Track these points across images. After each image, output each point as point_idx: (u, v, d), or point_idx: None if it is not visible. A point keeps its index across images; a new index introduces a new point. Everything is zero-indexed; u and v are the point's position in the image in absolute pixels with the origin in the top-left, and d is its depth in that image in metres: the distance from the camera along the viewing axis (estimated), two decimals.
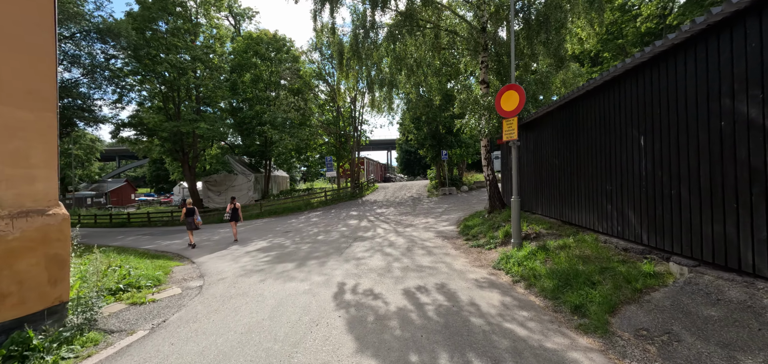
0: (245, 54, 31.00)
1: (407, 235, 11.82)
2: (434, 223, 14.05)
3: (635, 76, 5.33)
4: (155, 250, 13.77)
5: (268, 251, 11.09)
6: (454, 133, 25.74)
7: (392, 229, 13.51)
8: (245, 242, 13.57)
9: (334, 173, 28.68)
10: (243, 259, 10.07)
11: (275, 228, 17.00)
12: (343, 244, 11.12)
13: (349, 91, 15.15)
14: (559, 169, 8.21)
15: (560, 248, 6.43)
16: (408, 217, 16.62)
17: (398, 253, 9.12)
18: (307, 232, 14.64)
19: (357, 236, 12.40)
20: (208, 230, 19.04)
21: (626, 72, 5.48)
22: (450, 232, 11.70)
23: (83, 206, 48.90)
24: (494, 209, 11.86)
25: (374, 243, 10.81)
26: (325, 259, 9.04)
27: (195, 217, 13.45)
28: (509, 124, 7.16)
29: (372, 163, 52.91)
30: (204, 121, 26.51)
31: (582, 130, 7.02)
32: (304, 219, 19.71)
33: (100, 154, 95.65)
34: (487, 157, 11.88)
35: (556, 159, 8.35)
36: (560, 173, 8.13)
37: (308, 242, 12.13)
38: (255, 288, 6.75)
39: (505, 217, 10.40)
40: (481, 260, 7.75)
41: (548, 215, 8.99)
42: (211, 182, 31.36)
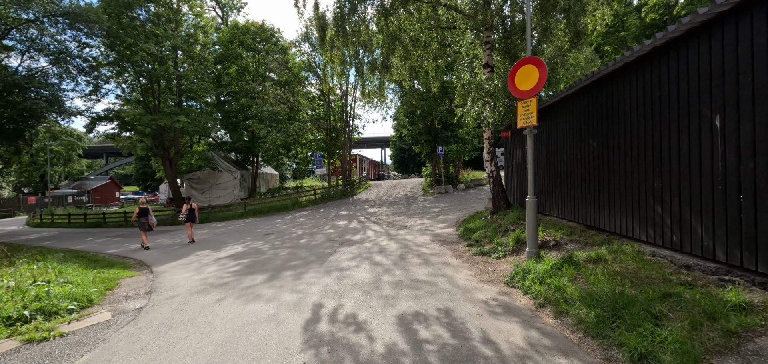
0: (231, 45, 29.30)
1: (400, 238, 10.46)
2: (430, 224, 12.70)
3: (709, 32, 3.98)
4: (118, 255, 12.25)
5: (240, 257, 9.66)
6: (451, 128, 24.43)
7: (384, 231, 12.14)
8: (219, 245, 12.12)
9: (324, 170, 27.22)
10: (209, 268, 8.63)
11: (257, 230, 15.55)
12: (327, 249, 9.73)
13: (337, 77, 13.74)
14: (581, 164, 6.89)
15: (593, 262, 5.11)
16: (401, 217, 15.27)
17: (390, 262, 7.75)
18: (290, 234, 13.22)
19: (344, 240, 11.01)
20: (184, 231, 17.50)
21: (692, 30, 4.14)
22: (448, 235, 10.36)
23: (63, 205, 46.78)
24: (498, 209, 10.54)
25: (363, 248, 9.43)
26: (304, 269, 7.64)
27: (149, 217, 12.84)
28: (526, 107, 5.81)
29: (365, 160, 51.50)
30: (185, 114, 24.84)
31: (617, 114, 5.69)
32: (290, 219, 18.27)
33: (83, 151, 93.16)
34: (490, 152, 10.55)
35: (577, 151, 7.03)
36: (583, 168, 6.82)
37: (288, 246, 10.72)
38: (206, 312, 5.33)
39: (512, 219, 9.08)
40: (490, 272, 6.40)
41: (566, 218, 7.68)
42: (195, 179, 29.68)
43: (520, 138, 10.45)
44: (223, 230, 16.94)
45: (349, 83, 29.02)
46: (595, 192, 6.44)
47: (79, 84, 25.40)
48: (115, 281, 7.71)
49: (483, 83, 8.60)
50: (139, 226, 12.85)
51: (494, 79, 8.36)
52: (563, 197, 7.73)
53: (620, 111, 5.59)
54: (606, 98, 5.99)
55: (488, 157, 10.59)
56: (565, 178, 7.59)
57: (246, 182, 31.35)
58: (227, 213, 23.21)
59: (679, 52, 4.41)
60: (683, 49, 4.35)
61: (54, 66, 22.13)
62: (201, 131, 26.38)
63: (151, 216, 13.00)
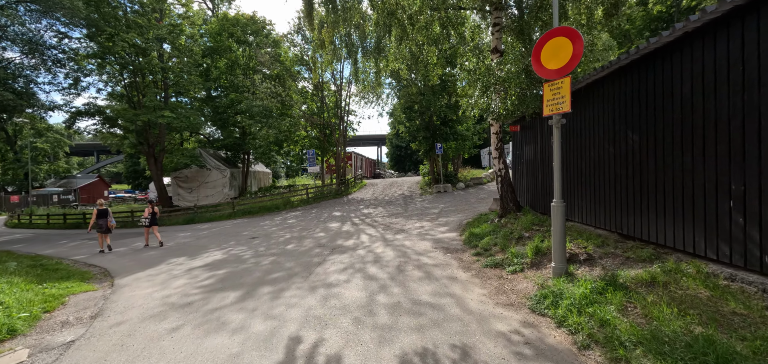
0: (220, 37, 27.98)
1: (398, 245, 9.34)
2: (430, 227, 11.59)
3: None
4: (84, 262, 11.03)
5: (217, 266, 8.49)
6: (450, 124, 23.34)
7: (380, 235, 11.01)
8: (197, 251, 10.93)
9: (317, 168, 26.03)
10: (177, 281, 7.46)
11: (242, 233, 14.36)
12: (315, 258, 8.59)
13: (328, 66, 12.58)
14: (615, 160, 5.80)
15: (646, 286, 4.02)
16: (398, 219, 14.15)
17: (386, 275, 6.63)
18: (277, 238, 12.06)
19: (335, 246, 9.88)
20: (165, 234, 16.25)
21: None
22: (452, 241, 9.25)
23: (48, 204, 45.14)
24: (507, 212, 9.45)
25: (355, 257, 8.30)
26: (285, 284, 6.49)
27: (108, 219, 12.38)
28: (555, 90, 4.69)
29: (360, 158, 50.36)
30: (170, 109, 23.51)
31: (671, 99, 4.59)
32: (279, 220, 17.10)
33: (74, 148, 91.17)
34: (498, 147, 9.45)
35: (609, 146, 5.93)
36: (618, 166, 5.73)
37: (273, 253, 9.57)
38: (152, 350, 4.18)
39: (525, 224, 7.98)
40: (507, 291, 5.30)
41: (592, 224, 6.60)
42: (182, 177, 28.35)
43: (532, 132, 9.36)
44: (206, 232, 15.74)
45: (344, 78, 27.85)
46: (635, 195, 5.35)
47: (57, 77, 24.08)
48: (62, 299, 6.52)
49: (493, 68, 7.47)
50: (96, 228, 12.33)
51: (506, 62, 7.23)
52: (590, 200, 6.64)
53: (676, 95, 4.49)
54: (653, 80, 4.89)
55: (496, 154, 9.49)
56: (593, 177, 6.50)
57: (236, 180, 30.08)
58: (214, 214, 21.97)
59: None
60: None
61: (27, 57, 20.75)
62: (188, 127, 25.04)
63: (111, 218, 12.48)
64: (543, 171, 8.71)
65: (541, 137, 8.70)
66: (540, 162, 8.86)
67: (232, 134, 29.06)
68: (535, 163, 9.20)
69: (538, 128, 8.91)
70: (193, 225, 19.46)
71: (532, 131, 9.34)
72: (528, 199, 9.82)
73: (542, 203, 8.78)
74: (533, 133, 9.23)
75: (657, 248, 4.88)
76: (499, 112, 8.04)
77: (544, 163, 8.64)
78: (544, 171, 8.66)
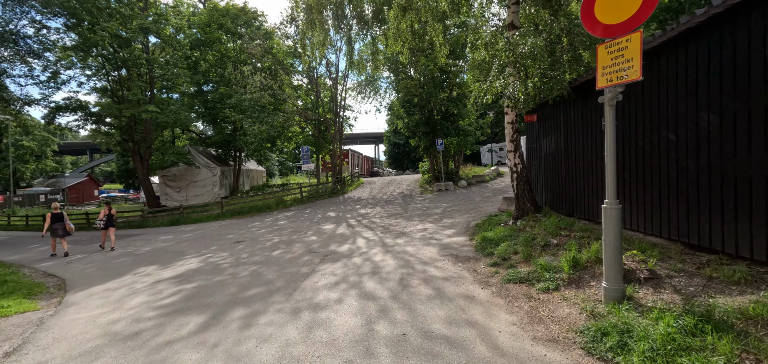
0: (208, 28, 26.65)
1: (399, 251, 8.12)
2: (435, 230, 10.38)
3: None
4: (45, 270, 9.77)
5: (188, 279, 7.25)
6: (451, 118, 22.12)
7: (378, 240, 9.79)
8: (172, 258, 9.69)
9: (311, 166, 24.77)
10: (136, 298, 6.22)
11: (227, 236, 13.10)
12: (303, 267, 7.36)
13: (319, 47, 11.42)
14: (679, 150, 4.61)
15: (760, 325, 2.81)
16: (398, 220, 12.94)
17: (386, 292, 5.41)
18: (264, 243, 10.82)
19: (328, 252, 8.65)
20: (147, 236, 14.95)
21: None
22: (461, 247, 8.04)
23: (34, 203, 43.62)
24: (524, 213, 8.25)
25: (350, 267, 7.08)
26: (262, 306, 5.27)
27: (65, 222, 11.83)
28: (617, 52, 3.48)
29: (357, 156, 49.15)
30: (155, 104, 22.17)
31: None
32: (270, 222, 15.85)
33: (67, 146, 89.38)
34: (514, 139, 8.23)
35: (669, 132, 4.73)
36: (686, 157, 4.54)
37: (256, 261, 8.33)
38: None
39: (550, 228, 6.78)
40: (544, 318, 4.09)
41: (643, 230, 5.41)
42: (170, 176, 27.00)
43: (552, 122, 8.16)
44: (189, 235, 14.47)
45: (340, 72, 26.57)
46: (713, 194, 4.16)
47: (34, 70, 22.67)
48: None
49: (516, 42, 6.24)
50: (51, 233, 11.81)
51: (531, 34, 6.01)
52: (636, 200, 5.45)
53: None
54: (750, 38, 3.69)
55: (511, 147, 8.27)
56: (641, 172, 5.31)
57: (227, 179, 28.77)
58: (202, 214, 20.67)
59: None
60: None
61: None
62: (176, 123, 23.67)
63: (68, 222, 12.00)
64: (568, 166, 7.51)
65: (566, 126, 7.50)
66: (564, 156, 7.66)
67: (223, 131, 27.75)
68: (557, 157, 8.01)
69: (560, 116, 7.71)
70: (178, 227, 18.18)
71: (552, 121, 8.14)
72: (547, 198, 8.64)
73: (568, 204, 7.59)
74: (554, 122, 8.03)
75: (752, 266, 3.69)
76: (518, 96, 6.83)
77: (569, 157, 7.43)
78: (569, 166, 7.46)
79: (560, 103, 7.43)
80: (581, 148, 6.92)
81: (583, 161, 6.84)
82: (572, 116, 7.17)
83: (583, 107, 6.73)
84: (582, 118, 6.76)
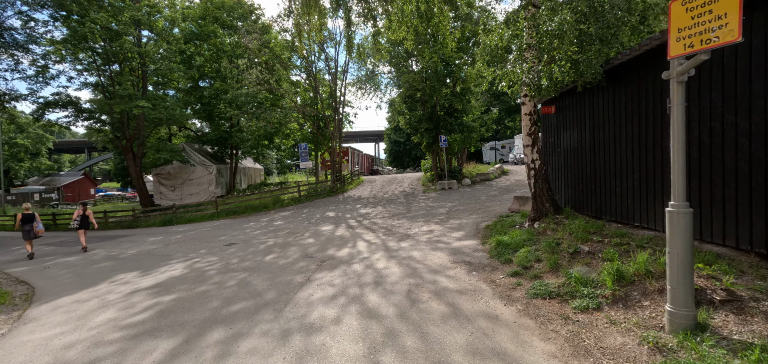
0: (203, 21, 25.79)
1: (405, 257, 7.32)
2: (441, 232, 9.57)
3: None
4: (17, 277, 8.94)
5: (167, 290, 6.44)
6: (455, 114, 21.29)
7: (380, 243, 8.99)
8: (156, 263, 8.88)
9: (310, 163, 23.92)
10: (103, 314, 5.42)
11: (220, 237, 12.30)
12: (297, 276, 6.56)
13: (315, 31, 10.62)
14: (754, 141, 3.79)
15: None
16: (402, 220, 12.13)
17: (392, 309, 4.62)
18: (257, 246, 10.02)
19: (325, 258, 7.85)
20: (136, 237, 14.11)
21: None
22: (473, 252, 7.23)
23: (30, 202, 42.78)
24: (542, 214, 7.44)
25: (349, 276, 6.27)
26: (246, 325, 4.47)
27: (35, 224, 11.44)
28: (702, 8, 2.66)
29: (357, 153, 48.36)
30: (147, 99, 21.32)
31: None
32: (266, 222, 15.05)
33: (65, 144, 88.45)
34: (532, 132, 7.41)
35: (738, 118, 3.92)
36: (763, 143, 3.72)
37: (246, 268, 7.53)
38: None
39: (576, 232, 5.98)
40: (592, 350, 3.28)
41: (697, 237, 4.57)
42: (164, 174, 26.13)
43: (575, 113, 7.34)
44: (180, 236, 13.65)
45: (339, 67, 25.74)
46: None
47: (22, 63, 21.80)
48: None
49: (541, 15, 5.42)
50: (22, 234, 11.44)
51: (562, 9, 5.18)
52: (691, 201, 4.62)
53: None
54: None
55: (528, 141, 7.46)
56: (695, 164, 4.50)
57: (223, 177, 27.93)
58: (196, 214, 19.86)
59: None
60: None
61: None
62: (170, 119, 22.79)
63: (39, 223, 11.64)
64: (595, 162, 6.70)
65: (592, 117, 6.68)
66: (590, 150, 6.85)
67: (219, 128, 26.91)
68: (581, 153, 7.19)
69: (585, 107, 6.90)
70: (170, 227, 17.36)
71: (574, 112, 7.32)
72: (568, 198, 7.83)
73: (595, 204, 6.78)
74: (577, 113, 7.21)
75: None
76: (541, 82, 6.01)
77: (597, 152, 6.62)
78: (597, 162, 6.65)
79: (585, 92, 6.62)
80: (612, 142, 6.11)
81: (615, 157, 6.03)
82: (601, 106, 6.35)
83: (615, 95, 5.91)
84: (614, 107, 5.94)
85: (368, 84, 25.46)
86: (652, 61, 5.00)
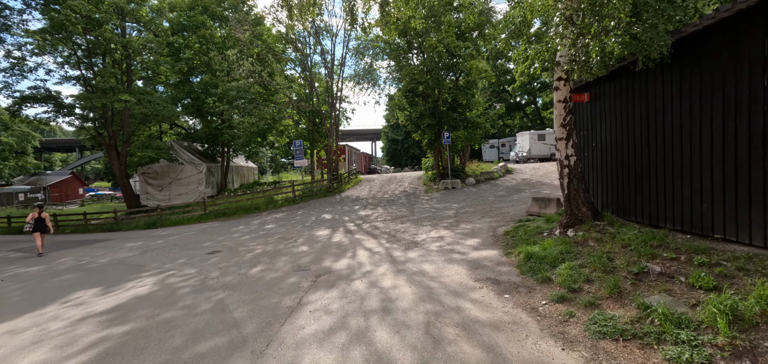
0: (192, 12, 24.43)
1: (415, 271, 6.13)
2: (453, 239, 8.38)
3: None
4: None
5: (124, 317, 5.22)
6: (459, 109, 20.11)
7: (385, 252, 7.78)
8: (124, 277, 7.63)
9: (305, 161, 22.67)
10: (33, 353, 4.20)
11: (204, 243, 11.05)
12: (286, 298, 5.35)
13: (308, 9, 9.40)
14: None
15: None
16: (406, 224, 10.94)
17: (409, 355, 3.44)
18: (243, 255, 8.79)
19: (321, 271, 6.65)
20: (114, 243, 12.80)
21: None
22: (496, 265, 6.05)
23: (13, 203, 41.14)
24: (577, 220, 6.27)
25: (350, 299, 5.07)
26: None
27: None
28: None
29: (355, 152, 47.10)
30: (131, 93, 19.95)
31: None
32: (256, 225, 13.81)
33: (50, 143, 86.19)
34: (566, 124, 6.22)
35: None
36: None
37: (226, 285, 6.31)
38: None
39: (632, 243, 4.83)
40: None
41: None
42: (151, 173, 24.76)
43: (619, 101, 6.18)
44: (161, 242, 12.37)
45: (336, 60, 24.46)
46: None
47: None
48: None
49: None
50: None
51: None
52: None
53: None
54: None
55: (562, 134, 6.27)
56: None
57: (214, 176, 26.59)
58: (182, 216, 18.57)
59: None
60: None
61: None
62: (157, 115, 21.38)
63: None
64: (650, 159, 5.53)
65: (645, 104, 5.51)
66: (642, 144, 5.69)
67: (210, 124, 25.55)
68: (627, 146, 6.04)
69: (633, 91, 5.73)
70: (153, 231, 16.06)
71: (618, 99, 6.16)
72: (605, 201, 6.68)
73: (651, 208, 5.62)
74: (622, 100, 6.05)
75: None
76: (590, 57, 4.82)
77: (653, 144, 5.45)
78: (654, 159, 5.48)
79: (635, 73, 5.46)
80: (676, 132, 4.96)
81: (681, 150, 4.89)
82: (659, 89, 5.19)
83: (683, 74, 4.76)
84: (681, 89, 4.79)
85: (366, 80, 24.26)
86: (752, 24, 3.84)
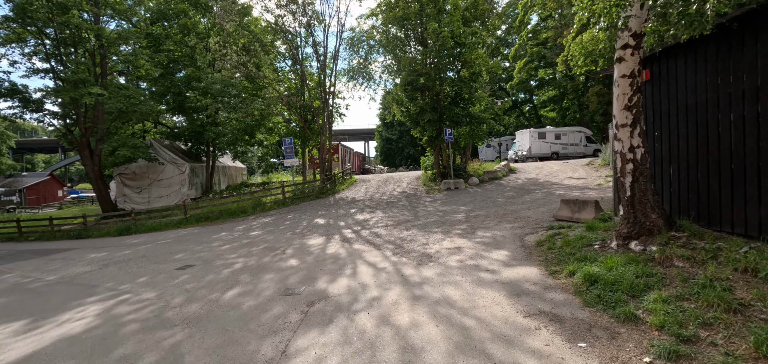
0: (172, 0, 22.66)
1: (437, 298, 4.65)
2: (474, 251, 6.93)
3: None
4: None
5: None
6: (461, 103, 18.71)
7: (392, 268, 6.29)
8: (62, 303, 6.03)
9: (296, 161, 21.08)
10: None
11: (176, 255, 9.44)
12: (265, 343, 3.83)
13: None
14: None
15: None
16: (412, 231, 9.46)
17: None
18: (219, 272, 7.22)
19: (313, 296, 5.14)
20: (75, 253, 11.09)
21: None
22: (542, 289, 4.61)
23: None
24: (644, 231, 4.85)
25: (354, 347, 3.57)
26: None
27: None
28: None
29: (348, 151, 45.50)
30: (102, 87, 18.13)
31: None
32: (240, 232, 12.21)
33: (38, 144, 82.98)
34: (632, 105, 4.80)
35: None
36: None
37: (189, 318, 4.76)
38: None
39: (753, 267, 3.40)
40: None
41: None
42: (128, 174, 22.87)
43: (703, 76, 4.77)
44: (128, 252, 10.72)
45: (329, 53, 22.95)
46: None
47: None
48: None
49: None
50: None
51: None
52: None
53: None
54: None
55: (626, 119, 4.85)
56: None
57: (198, 177, 24.79)
58: (160, 221, 16.83)
59: None
60: None
61: None
62: (133, 110, 19.53)
63: None
64: (750, 147, 4.14)
65: (750, 76, 4.11)
66: (743, 132, 4.28)
67: (194, 121, 23.77)
68: (712, 137, 4.65)
69: (733, 56, 4.33)
70: (124, 238, 14.34)
71: (701, 73, 4.75)
72: (680, 205, 5.28)
73: (761, 216, 4.19)
74: (710, 74, 4.64)
75: None
76: (673, 14, 3.40)
77: (761, 127, 4.05)
78: (762, 149, 4.08)
79: (732, 38, 4.07)
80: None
81: None
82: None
83: None
84: None
85: (361, 74, 22.74)
86: None
